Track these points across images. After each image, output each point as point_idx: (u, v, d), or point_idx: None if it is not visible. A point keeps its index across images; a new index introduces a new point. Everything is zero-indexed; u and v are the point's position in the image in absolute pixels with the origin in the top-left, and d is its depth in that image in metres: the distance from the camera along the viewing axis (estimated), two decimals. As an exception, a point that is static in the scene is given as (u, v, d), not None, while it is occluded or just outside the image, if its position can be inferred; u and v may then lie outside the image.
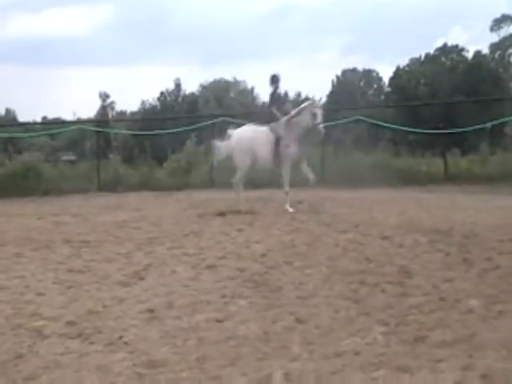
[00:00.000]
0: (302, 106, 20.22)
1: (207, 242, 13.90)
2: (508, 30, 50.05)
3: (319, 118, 19.03)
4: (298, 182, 20.53)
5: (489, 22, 55.25)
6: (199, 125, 35.75)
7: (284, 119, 19.93)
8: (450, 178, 28.55)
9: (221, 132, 30.32)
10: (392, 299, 8.60)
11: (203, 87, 74.48)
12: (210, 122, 34.74)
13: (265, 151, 20.04)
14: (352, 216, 17.61)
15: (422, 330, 7.22)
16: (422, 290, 9.11)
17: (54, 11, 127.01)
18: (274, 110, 20.20)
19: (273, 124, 20.17)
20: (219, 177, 27.88)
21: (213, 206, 21.33)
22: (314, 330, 7.33)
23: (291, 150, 19.75)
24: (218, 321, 7.97)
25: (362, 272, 10.26)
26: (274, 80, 19.06)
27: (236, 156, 20.31)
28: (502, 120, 31.87)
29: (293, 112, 20.02)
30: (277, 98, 19.83)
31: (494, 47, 52.40)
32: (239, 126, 20.37)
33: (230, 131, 20.79)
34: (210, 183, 31.26)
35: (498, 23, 51.40)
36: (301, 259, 11.44)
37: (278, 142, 19.81)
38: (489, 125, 30.84)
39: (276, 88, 19.11)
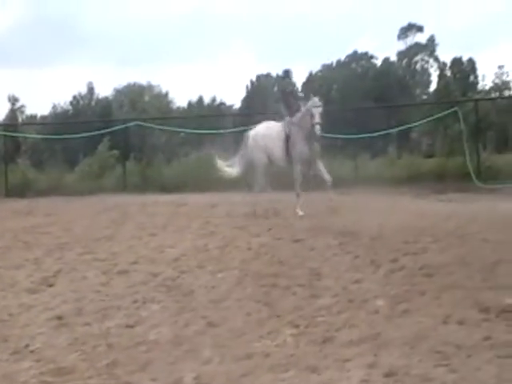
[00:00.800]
0: (307, 105, 19.60)
1: (120, 247, 13.77)
2: (414, 39, 50.85)
3: (317, 118, 18.49)
4: (214, 185, 20.64)
5: (396, 31, 56.08)
6: (112, 129, 35.39)
7: (295, 117, 19.59)
8: (360, 181, 28.92)
9: (134, 136, 30.20)
10: (302, 301, 8.69)
11: (117, 91, 73.70)
12: (123, 126, 34.44)
13: (277, 148, 19.63)
14: (266, 219, 17.70)
15: (331, 330, 7.31)
16: (331, 292, 9.21)
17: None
18: (282, 107, 20.19)
19: (286, 120, 19.79)
20: (131, 181, 27.78)
21: (125, 209, 21.07)
22: (225, 333, 7.35)
23: (298, 149, 19.25)
24: (129, 326, 7.92)
25: (274, 275, 10.33)
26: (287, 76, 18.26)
27: (253, 154, 19.95)
28: (408, 126, 32.63)
29: (301, 110, 19.58)
30: (289, 95, 19.43)
31: (401, 55, 53.30)
32: (153, 130, 20.26)
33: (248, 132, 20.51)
34: (122, 187, 30.80)
35: (404, 31, 52.40)
36: (214, 263, 11.48)
37: (287, 139, 19.47)
38: (396, 130, 31.58)
39: (288, 84, 18.67)
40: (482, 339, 6.87)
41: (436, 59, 51.19)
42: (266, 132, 20.02)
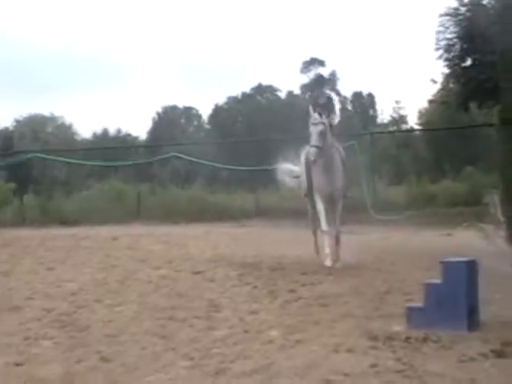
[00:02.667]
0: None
1: (16, 282, 13.48)
2: (316, 72, 51.49)
3: (313, 140, 14.29)
4: (116, 217, 20.51)
5: (299, 64, 56.81)
6: (11, 160, 34.95)
7: None
8: (261, 213, 29.17)
9: (34, 168, 30.00)
10: (199, 333, 8.69)
11: (18, 122, 72.41)
12: (22, 159, 33.95)
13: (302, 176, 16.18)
14: (166, 252, 17.75)
15: (225, 362, 7.30)
16: (228, 323, 9.27)
17: None
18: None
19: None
20: (30, 214, 27.57)
21: (24, 243, 20.60)
22: (118, 368, 7.25)
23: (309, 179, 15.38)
24: (18, 364, 7.68)
25: (172, 307, 10.33)
26: (318, 81, 15.73)
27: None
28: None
29: None
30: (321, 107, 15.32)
31: (304, 88, 53.80)
32: (55, 162, 19.88)
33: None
34: (21, 220, 30.20)
35: (307, 66, 52.87)
36: (112, 297, 11.39)
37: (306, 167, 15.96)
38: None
39: (321, 93, 15.68)
40: (369, 366, 7.00)
41: (337, 93, 51.62)
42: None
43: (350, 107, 52.44)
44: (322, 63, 54.09)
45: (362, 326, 8.62)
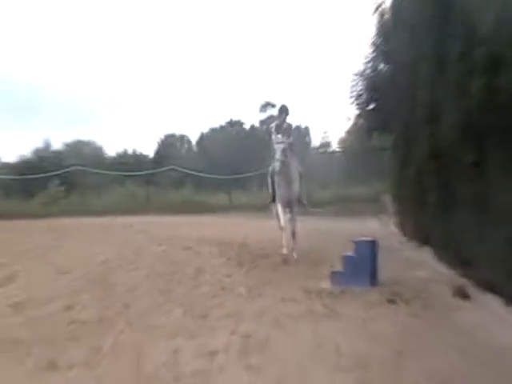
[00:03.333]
0: None
1: (63, 255, 13.27)
2: (270, 112, 51.42)
3: (277, 155, 11.82)
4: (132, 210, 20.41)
5: (258, 105, 56.42)
6: (61, 171, 35.06)
7: None
8: (234, 207, 29.31)
9: (78, 176, 29.62)
10: (189, 290, 8.74)
11: (67, 145, 70.93)
12: (70, 170, 33.95)
13: None
14: (166, 234, 17.72)
15: (208, 309, 7.37)
16: (209, 283, 9.30)
17: None
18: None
19: None
20: (73, 207, 27.30)
21: (68, 228, 20.29)
22: (134, 313, 7.35)
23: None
24: (66, 309, 7.67)
25: (171, 272, 10.35)
26: (282, 110, 12.52)
27: None
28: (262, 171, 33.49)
29: None
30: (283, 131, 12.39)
31: (262, 123, 53.58)
32: (90, 172, 19.65)
33: None
34: (67, 212, 29.61)
35: (263, 107, 52.72)
36: (129, 264, 11.39)
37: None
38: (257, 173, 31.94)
39: (283, 120, 12.48)
40: (305, 311, 7.17)
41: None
42: None
43: None
44: (273, 105, 53.93)
45: (301, 284, 8.73)
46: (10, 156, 42.47)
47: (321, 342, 5.84)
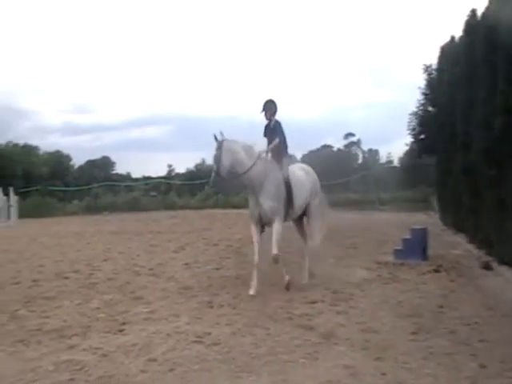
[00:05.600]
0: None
1: (212, 233, 12.96)
2: (351, 139, 49.17)
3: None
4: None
5: (342, 134, 53.64)
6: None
7: None
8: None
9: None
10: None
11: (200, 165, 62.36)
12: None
13: None
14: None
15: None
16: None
17: None
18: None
19: None
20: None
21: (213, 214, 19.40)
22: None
23: None
24: (217, 269, 7.89)
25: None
26: (267, 107, 6.74)
27: None
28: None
29: None
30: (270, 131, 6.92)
31: (346, 147, 50.64)
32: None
33: None
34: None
35: (346, 135, 49.83)
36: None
37: None
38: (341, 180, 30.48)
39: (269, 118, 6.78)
40: (376, 276, 7.15)
41: (361, 149, 49.81)
42: None
43: (366, 155, 49.55)
44: (353, 135, 51.45)
45: (373, 257, 8.65)
46: (180, 168, 42.71)
47: (387, 297, 5.88)
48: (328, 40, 76.14)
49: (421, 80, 18.06)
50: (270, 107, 6.73)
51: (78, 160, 44.50)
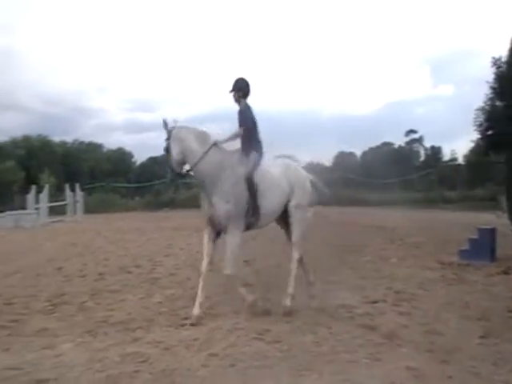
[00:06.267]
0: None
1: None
2: (413, 136, 47.59)
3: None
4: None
5: (404, 131, 52.15)
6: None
7: None
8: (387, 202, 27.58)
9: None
10: (357, 257, 8.61)
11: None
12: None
13: None
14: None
15: (368, 271, 7.28)
16: (371, 254, 8.92)
17: None
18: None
19: None
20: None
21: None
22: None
23: None
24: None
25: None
26: (235, 87, 5.40)
27: None
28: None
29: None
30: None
31: (407, 144, 49.26)
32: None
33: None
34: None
35: (408, 132, 48.55)
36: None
37: None
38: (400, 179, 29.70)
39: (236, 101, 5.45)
40: (439, 276, 6.94)
41: (423, 147, 48.13)
42: None
43: (429, 153, 47.92)
44: (415, 132, 50.06)
45: (436, 257, 8.44)
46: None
47: (452, 298, 5.71)
48: (389, 31, 74.81)
49: (489, 74, 17.32)
50: (239, 87, 5.44)
51: (140, 157, 45.88)
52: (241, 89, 5.43)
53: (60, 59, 68.57)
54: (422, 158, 47.29)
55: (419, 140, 48.23)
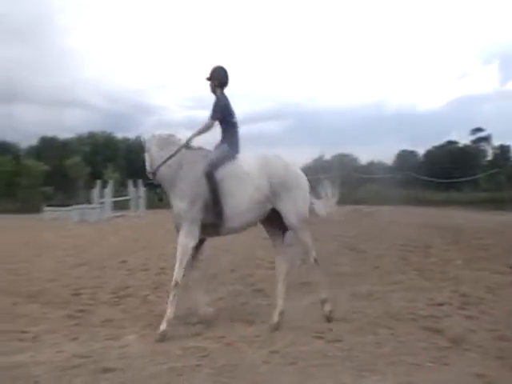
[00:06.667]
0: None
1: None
2: (479, 134, 45.44)
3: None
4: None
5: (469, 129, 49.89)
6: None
7: None
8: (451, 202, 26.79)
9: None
10: (421, 258, 8.39)
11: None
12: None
13: None
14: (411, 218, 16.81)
15: (434, 273, 7.07)
16: (435, 255, 8.66)
17: None
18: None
19: None
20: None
21: None
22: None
23: None
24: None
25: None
26: (211, 76, 5.07)
27: None
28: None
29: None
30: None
31: (473, 142, 47.10)
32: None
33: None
34: None
35: (474, 131, 46.31)
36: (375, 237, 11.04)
37: None
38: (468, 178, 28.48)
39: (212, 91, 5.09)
40: (510, 281, 6.58)
41: (490, 145, 45.68)
42: None
43: (497, 152, 45.44)
44: (481, 130, 47.77)
45: (505, 261, 7.90)
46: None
47: (523, 305, 5.42)
48: (456, 25, 72.24)
49: None
50: (216, 76, 5.06)
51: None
52: (217, 78, 5.06)
53: (120, 58, 70.85)
54: (490, 158, 45.30)
55: (486, 138, 46.20)
